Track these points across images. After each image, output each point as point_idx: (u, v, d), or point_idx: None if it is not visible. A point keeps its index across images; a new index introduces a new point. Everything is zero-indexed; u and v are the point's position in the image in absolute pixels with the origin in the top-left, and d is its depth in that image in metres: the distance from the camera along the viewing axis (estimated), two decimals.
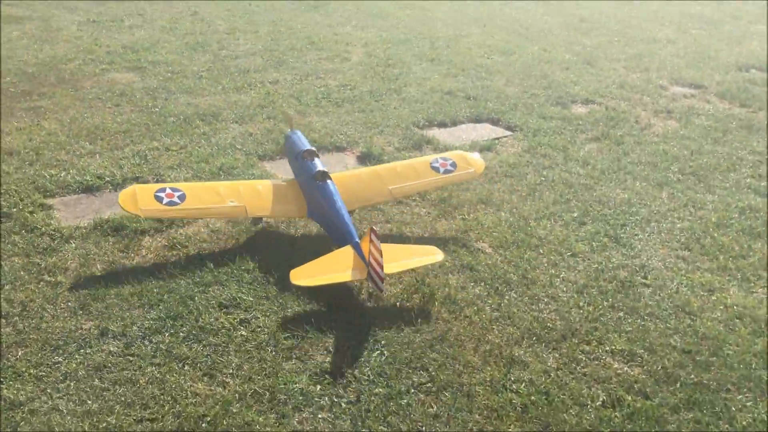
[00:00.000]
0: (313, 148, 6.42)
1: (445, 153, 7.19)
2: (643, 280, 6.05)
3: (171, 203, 5.76)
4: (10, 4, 14.94)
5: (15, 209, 6.36)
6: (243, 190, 6.04)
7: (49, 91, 9.67)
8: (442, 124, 9.53)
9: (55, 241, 5.94)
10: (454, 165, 6.76)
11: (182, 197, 5.82)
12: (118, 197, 5.79)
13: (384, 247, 5.13)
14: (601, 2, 20.01)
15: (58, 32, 12.95)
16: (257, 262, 5.81)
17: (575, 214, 7.12)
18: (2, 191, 6.66)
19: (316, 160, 6.19)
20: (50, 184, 6.89)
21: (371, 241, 5.02)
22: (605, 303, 5.68)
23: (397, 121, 9.35)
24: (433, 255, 5.54)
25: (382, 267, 5.07)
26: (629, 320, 5.49)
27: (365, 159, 8.12)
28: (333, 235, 5.80)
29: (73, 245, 5.90)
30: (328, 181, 5.98)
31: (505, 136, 9.29)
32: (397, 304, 5.45)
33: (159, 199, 5.75)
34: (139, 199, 5.70)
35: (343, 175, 6.49)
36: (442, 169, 6.70)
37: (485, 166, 7.08)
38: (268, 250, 6.01)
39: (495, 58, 13.22)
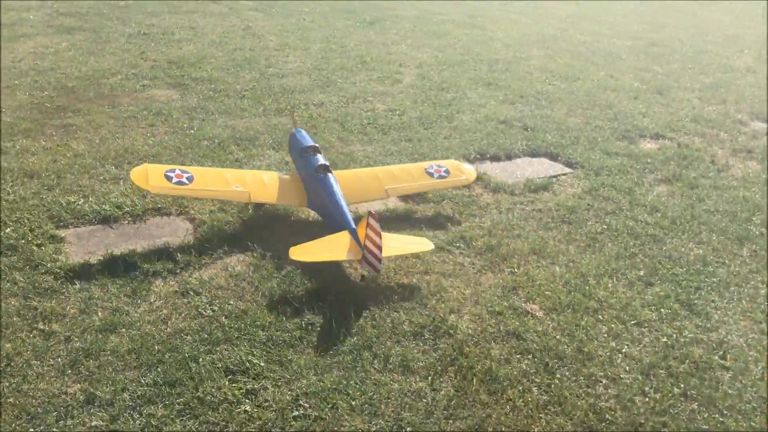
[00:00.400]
0: (317, 145, 6.72)
1: (440, 160, 7.62)
2: (722, 361, 5.14)
3: (180, 183, 6.06)
4: (64, 15, 14.88)
5: (23, 241, 5.87)
6: (249, 179, 6.40)
7: (84, 107, 9.30)
8: (495, 158, 8.74)
9: (59, 281, 5.40)
10: (447, 172, 7.18)
11: (191, 179, 6.14)
12: (130, 174, 6.12)
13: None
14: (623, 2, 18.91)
15: (107, 44, 12.70)
16: (275, 316, 5.15)
17: (641, 273, 6.25)
18: (15, 219, 6.21)
19: (318, 155, 6.54)
20: (66, 212, 6.40)
21: (368, 225, 5.26)
22: (676, 390, 4.80)
23: (446, 152, 8.60)
24: (424, 245, 5.91)
25: (380, 248, 5.31)
26: (705, 414, 4.60)
27: (407, 196, 7.34)
28: (331, 223, 6.06)
29: (77, 287, 5.35)
30: (329, 174, 6.35)
31: (564, 174, 8.45)
32: (429, 377, 4.71)
33: (169, 179, 6.05)
34: (150, 177, 6.00)
35: (344, 173, 6.91)
36: (436, 175, 7.10)
37: (477, 177, 7.52)
38: (289, 303, 5.35)
39: (557, 84, 12.38)
